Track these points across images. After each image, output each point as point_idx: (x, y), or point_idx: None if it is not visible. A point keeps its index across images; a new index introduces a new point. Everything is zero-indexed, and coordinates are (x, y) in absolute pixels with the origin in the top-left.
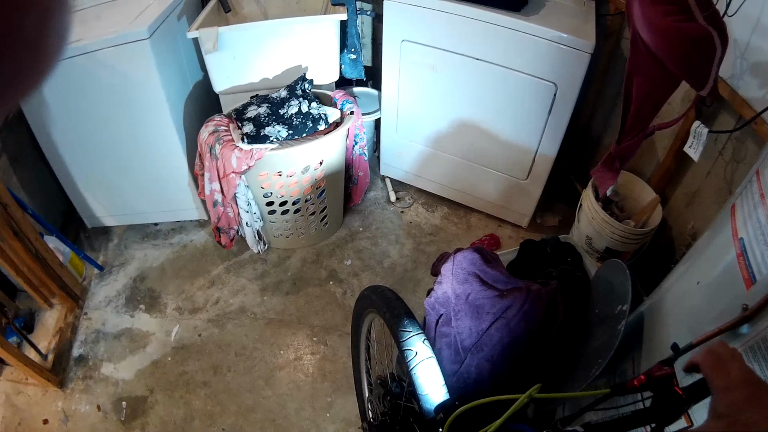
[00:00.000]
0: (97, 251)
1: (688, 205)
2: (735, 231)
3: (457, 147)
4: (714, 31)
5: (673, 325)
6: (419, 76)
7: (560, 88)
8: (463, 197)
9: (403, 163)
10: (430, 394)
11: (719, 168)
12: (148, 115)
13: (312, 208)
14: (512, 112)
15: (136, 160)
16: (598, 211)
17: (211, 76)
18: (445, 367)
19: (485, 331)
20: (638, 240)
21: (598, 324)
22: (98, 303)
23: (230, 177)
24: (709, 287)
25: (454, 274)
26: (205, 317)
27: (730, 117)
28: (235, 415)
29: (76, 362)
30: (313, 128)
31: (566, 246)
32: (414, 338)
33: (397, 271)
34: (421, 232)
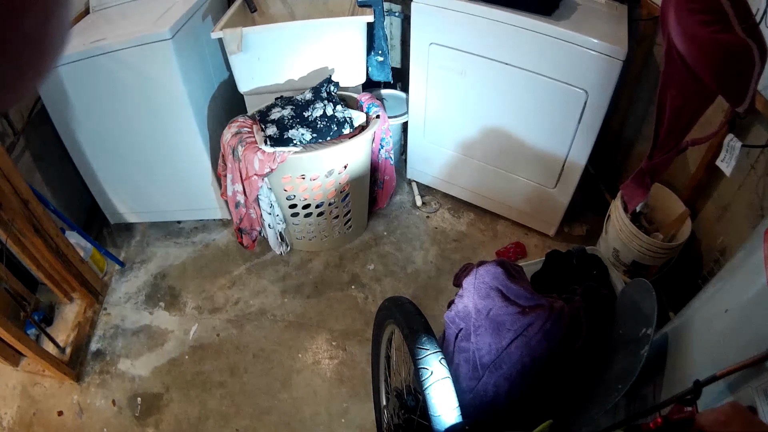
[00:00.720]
0: (119, 248)
1: (719, 220)
2: (767, 258)
3: (485, 153)
4: (753, 43)
5: (698, 353)
6: (447, 79)
7: (591, 95)
8: (490, 204)
9: (430, 167)
10: (443, 415)
11: (751, 182)
12: (170, 114)
13: (336, 212)
14: (541, 119)
15: (159, 159)
16: (627, 224)
17: (236, 76)
18: (462, 383)
19: (505, 348)
20: (666, 254)
21: (621, 346)
22: (118, 299)
23: (252, 179)
24: (737, 316)
25: (476, 288)
26: (224, 317)
27: (764, 130)
28: (249, 417)
29: (93, 357)
30: (337, 132)
31: (593, 258)
32: (430, 357)
33: (420, 278)
34: (446, 239)
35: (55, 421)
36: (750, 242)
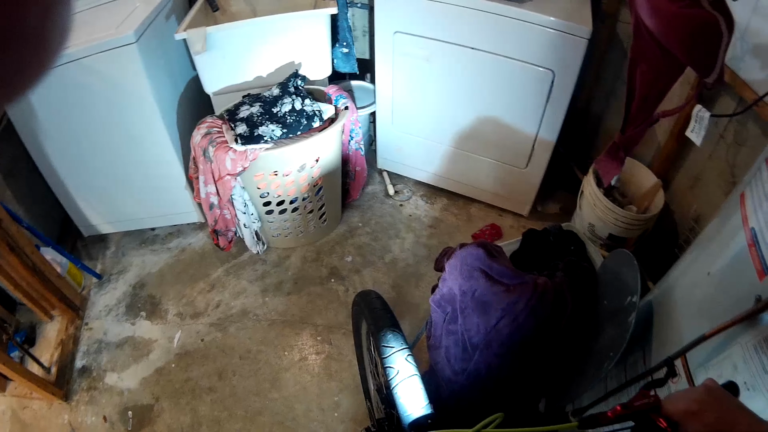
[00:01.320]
0: (95, 260)
1: (691, 189)
2: (745, 219)
3: (455, 137)
4: (720, 16)
5: (684, 316)
6: (414, 67)
7: (558, 74)
8: (462, 188)
9: (400, 155)
10: (412, 413)
11: (721, 151)
12: (139, 120)
13: (310, 207)
14: (509, 101)
15: (130, 166)
16: (601, 199)
17: (202, 77)
18: (454, 365)
19: (493, 327)
20: (642, 225)
21: (607, 317)
22: (98, 312)
23: (225, 179)
24: (720, 278)
25: (459, 270)
26: (207, 321)
27: (731, 100)
28: (242, 419)
29: (79, 373)
30: (307, 126)
31: (569, 234)
32: (396, 355)
33: (398, 266)
34: (421, 225)
35: None
36: (727, 206)
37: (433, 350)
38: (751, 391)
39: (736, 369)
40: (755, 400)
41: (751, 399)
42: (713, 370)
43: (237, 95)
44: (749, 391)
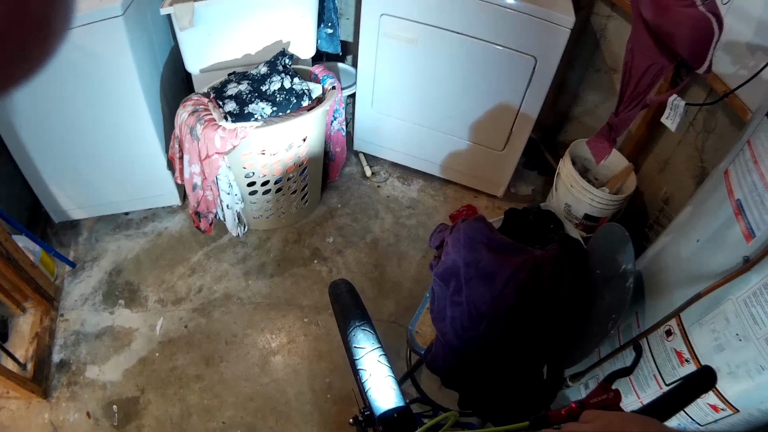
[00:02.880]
0: (67, 247)
1: (660, 172)
2: (730, 191)
3: (434, 120)
4: (713, 17)
5: (675, 280)
6: (398, 49)
7: (540, 61)
8: (439, 170)
9: (377, 137)
10: (382, 407)
11: (690, 137)
12: (120, 97)
13: (294, 187)
14: (491, 86)
15: (107, 146)
16: (578, 180)
17: (185, 54)
18: (463, 335)
19: (499, 295)
20: (615, 206)
21: (602, 285)
22: (74, 302)
23: (213, 158)
24: (710, 244)
25: (462, 243)
26: (189, 307)
27: (701, 90)
28: (233, 406)
29: (57, 368)
30: (297, 104)
31: (548, 213)
32: (368, 356)
33: (380, 245)
34: (399, 206)
35: None
36: (710, 181)
37: (438, 322)
38: (743, 341)
39: (728, 322)
40: (747, 349)
41: (744, 349)
42: (707, 325)
43: (218, 74)
44: (741, 341)
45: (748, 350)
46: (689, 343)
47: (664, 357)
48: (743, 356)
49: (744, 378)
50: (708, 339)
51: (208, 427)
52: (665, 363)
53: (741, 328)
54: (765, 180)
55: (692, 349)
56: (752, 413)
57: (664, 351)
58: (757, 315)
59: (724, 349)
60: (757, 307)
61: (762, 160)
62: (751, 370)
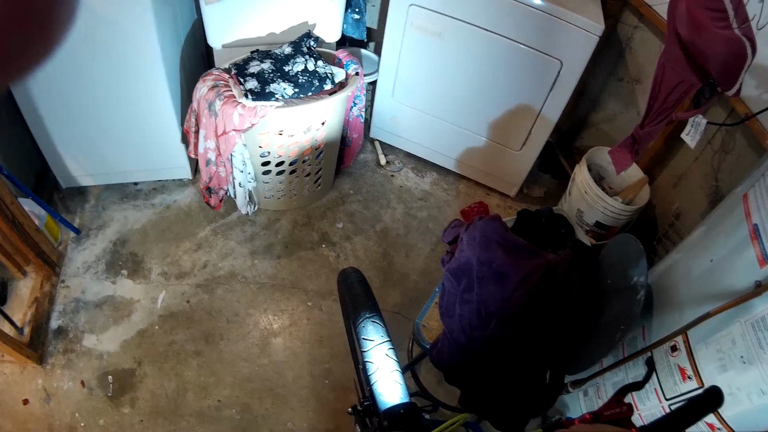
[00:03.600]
0: (73, 213)
1: (674, 187)
2: (748, 215)
3: (454, 114)
4: (747, 41)
5: (685, 297)
6: (424, 41)
7: (565, 65)
8: (454, 164)
9: (395, 127)
10: (388, 402)
11: (707, 155)
12: (139, 68)
13: (308, 170)
14: (514, 85)
15: (121, 115)
16: (592, 187)
17: (208, 28)
18: (471, 334)
19: (509, 296)
20: (627, 216)
21: (612, 294)
22: (76, 269)
23: (230, 135)
24: (722, 264)
25: (478, 241)
26: (193, 282)
27: (721, 110)
28: (230, 385)
29: (55, 335)
30: (319, 87)
31: (559, 218)
32: (377, 349)
33: (389, 235)
34: (411, 197)
35: (21, 411)
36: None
37: (446, 317)
38: (747, 364)
39: (734, 344)
40: (750, 372)
41: (747, 372)
42: (713, 345)
43: (239, 51)
44: (745, 364)
45: (751, 373)
46: (693, 361)
47: (667, 372)
48: (746, 379)
49: (744, 401)
50: (713, 358)
51: (203, 404)
52: (667, 378)
53: (746, 351)
54: None
55: (696, 367)
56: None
57: (667, 366)
58: (764, 339)
59: (727, 370)
60: (765, 331)
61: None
62: (752, 394)
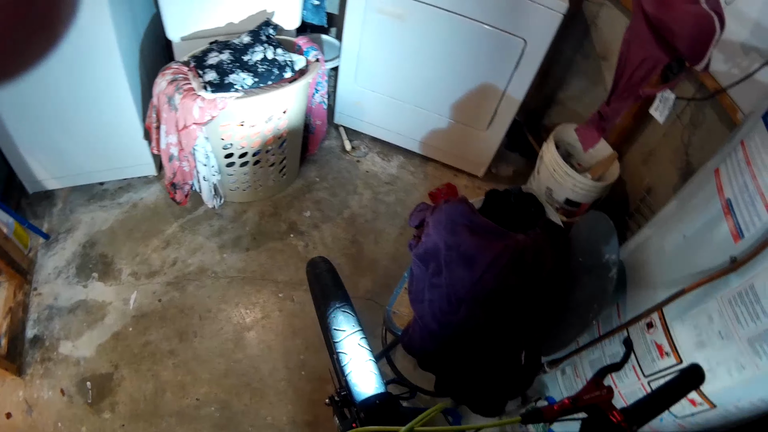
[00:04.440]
0: (41, 218)
1: (644, 162)
2: (720, 190)
3: (419, 97)
4: (715, 15)
5: (658, 274)
6: (385, 24)
7: (529, 44)
8: (420, 147)
9: (359, 111)
10: (364, 392)
11: (677, 130)
12: (97, 65)
13: (272, 159)
14: (478, 66)
15: (83, 114)
16: (561, 164)
17: (166, 21)
18: (441, 319)
19: (478, 280)
20: (597, 192)
21: (584, 273)
22: (47, 276)
23: (191, 129)
24: (695, 240)
25: (444, 225)
26: (163, 280)
27: (690, 85)
28: (207, 383)
29: (31, 344)
30: (279, 76)
31: (528, 196)
32: (349, 339)
33: (357, 221)
34: (378, 182)
35: (5, 425)
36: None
37: (416, 304)
38: (725, 340)
39: (711, 320)
40: (729, 347)
41: (726, 347)
42: (689, 321)
43: (201, 42)
44: (723, 340)
45: (730, 349)
46: (670, 337)
47: (644, 349)
48: (724, 354)
49: (723, 376)
50: (690, 335)
51: (182, 404)
52: (645, 355)
53: (724, 326)
54: (757, 182)
55: (673, 343)
56: (729, 410)
57: (644, 343)
58: (741, 315)
59: (705, 346)
60: (741, 307)
61: (755, 161)
62: (731, 369)
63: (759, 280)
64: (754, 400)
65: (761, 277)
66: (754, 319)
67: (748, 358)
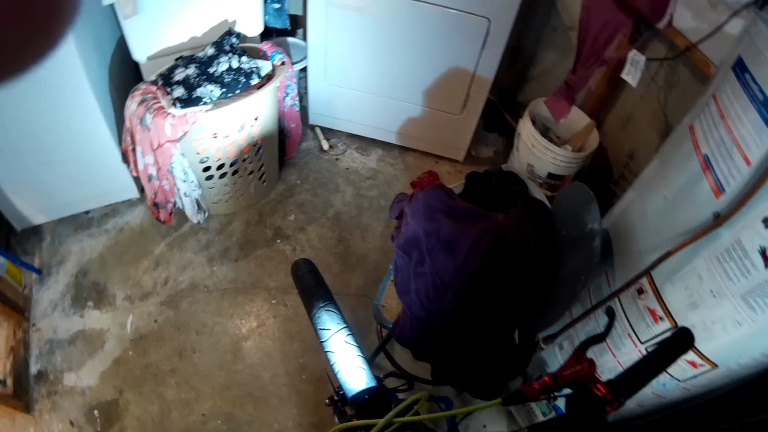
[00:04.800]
0: (32, 254)
1: (623, 128)
2: (697, 146)
3: (390, 88)
4: None
5: (644, 238)
6: (348, 19)
7: (494, 22)
8: (397, 138)
9: (333, 110)
10: (354, 388)
11: (652, 92)
12: (68, 95)
13: (250, 167)
14: (445, 50)
15: (60, 146)
16: (539, 139)
17: (130, 43)
18: (430, 306)
19: (462, 264)
20: (579, 163)
21: (569, 245)
22: (44, 310)
23: (165, 147)
24: (677, 200)
25: (422, 213)
26: (157, 301)
27: (661, 45)
28: (210, 397)
29: (36, 380)
30: (246, 84)
31: (510, 175)
32: (335, 337)
33: (342, 219)
34: (359, 178)
35: None
36: (675, 137)
37: (403, 295)
38: (718, 298)
39: (701, 279)
40: (722, 305)
41: (719, 305)
42: (679, 283)
43: (168, 59)
44: (716, 298)
45: (724, 306)
46: (662, 301)
47: (637, 316)
48: (719, 313)
49: (721, 334)
50: (681, 296)
51: (188, 421)
52: (639, 322)
53: (715, 284)
54: (733, 134)
55: (665, 307)
56: (731, 368)
57: (636, 310)
58: (731, 271)
59: (698, 306)
60: (731, 263)
61: (728, 114)
62: (728, 326)
63: (746, 234)
64: (756, 355)
65: (747, 230)
66: (745, 274)
67: (744, 314)
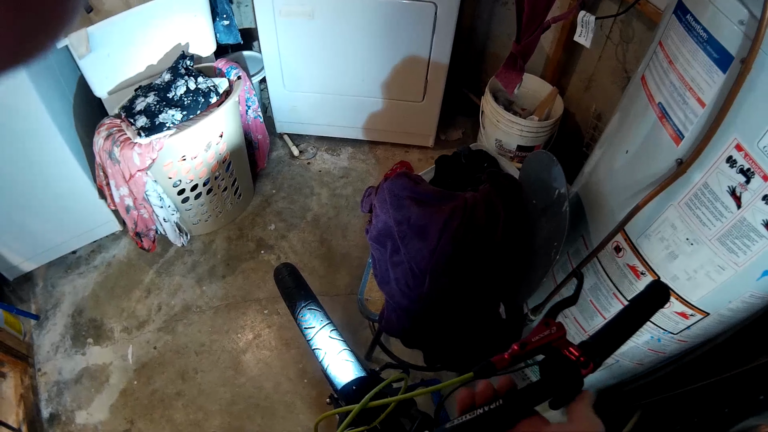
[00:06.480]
0: (27, 301)
1: (587, 90)
2: (650, 97)
3: (350, 86)
4: None
5: (612, 195)
6: (297, 26)
7: (440, 6)
8: (364, 133)
9: (297, 115)
10: (342, 381)
11: (610, 50)
12: (36, 141)
13: (223, 184)
14: (397, 40)
15: (37, 192)
16: (502, 114)
17: (90, 80)
18: (410, 294)
19: (435, 248)
20: (546, 131)
21: (540, 214)
22: (47, 354)
23: (137, 177)
24: (639, 153)
25: (389, 203)
26: (154, 328)
27: (612, 2)
28: (219, 414)
29: (49, 423)
30: (205, 103)
31: (479, 153)
32: (320, 335)
33: (321, 221)
34: (332, 178)
35: None
36: (630, 90)
37: (384, 285)
38: (696, 245)
39: (675, 229)
40: (701, 252)
41: (697, 252)
42: (654, 236)
43: (128, 92)
44: (693, 245)
45: (703, 253)
46: (641, 256)
47: (619, 274)
48: (699, 260)
49: (705, 281)
50: (659, 249)
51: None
52: (621, 279)
53: (690, 232)
54: (684, 79)
55: (645, 262)
56: (723, 313)
57: (617, 268)
58: (704, 216)
59: (677, 256)
60: (702, 208)
61: (676, 59)
62: (711, 273)
63: (712, 177)
64: (745, 297)
65: (713, 173)
66: (719, 217)
67: (725, 258)
